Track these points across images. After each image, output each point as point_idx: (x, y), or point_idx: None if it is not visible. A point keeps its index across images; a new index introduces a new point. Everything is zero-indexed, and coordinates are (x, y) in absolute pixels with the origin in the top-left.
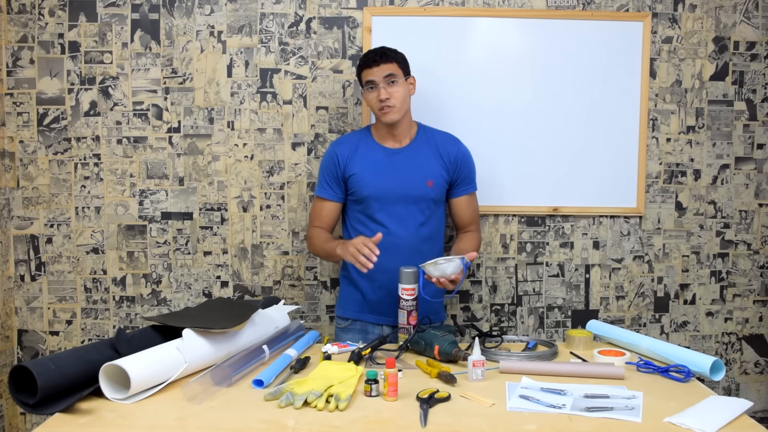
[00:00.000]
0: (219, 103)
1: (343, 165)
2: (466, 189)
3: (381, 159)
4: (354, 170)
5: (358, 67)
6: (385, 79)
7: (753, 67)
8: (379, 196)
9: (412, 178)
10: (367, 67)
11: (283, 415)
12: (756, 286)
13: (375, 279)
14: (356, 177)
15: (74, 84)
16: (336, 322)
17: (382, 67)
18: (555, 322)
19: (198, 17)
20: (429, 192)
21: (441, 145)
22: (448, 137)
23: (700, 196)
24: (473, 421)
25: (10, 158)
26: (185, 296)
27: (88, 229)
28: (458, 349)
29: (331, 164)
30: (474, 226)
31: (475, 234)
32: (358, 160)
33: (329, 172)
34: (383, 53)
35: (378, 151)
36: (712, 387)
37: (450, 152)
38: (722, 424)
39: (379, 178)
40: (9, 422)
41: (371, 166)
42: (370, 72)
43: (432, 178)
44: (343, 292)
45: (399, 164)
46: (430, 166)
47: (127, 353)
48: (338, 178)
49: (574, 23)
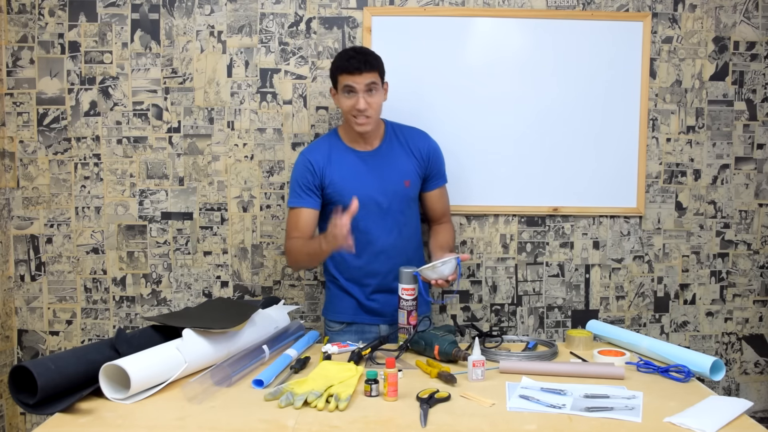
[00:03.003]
0: (219, 103)
1: (320, 173)
2: (438, 182)
3: (357, 165)
4: (331, 178)
5: (336, 68)
6: (365, 87)
7: (753, 67)
8: (362, 201)
9: (389, 180)
10: (348, 73)
11: (283, 415)
12: (756, 286)
13: (366, 284)
14: (335, 186)
15: (74, 84)
16: (327, 325)
17: (364, 75)
18: (555, 322)
19: (198, 17)
20: (407, 192)
21: (411, 142)
22: (416, 132)
23: (700, 196)
24: (473, 421)
25: (10, 158)
26: (185, 296)
27: (88, 229)
28: (458, 349)
29: (306, 173)
30: (446, 217)
31: (448, 225)
32: (335, 168)
33: (304, 181)
34: (366, 60)
35: (351, 157)
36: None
37: (421, 148)
38: (722, 424)
39: (359, 184)
40: (9, 422)
41: (349, 174)
42: (351, 78)
43: (408, 177)
44: (334, 297)
45: (375, 168)
46: (405, 165)
47: (127, 353)
48: (315, 187)
49: (574, 23)
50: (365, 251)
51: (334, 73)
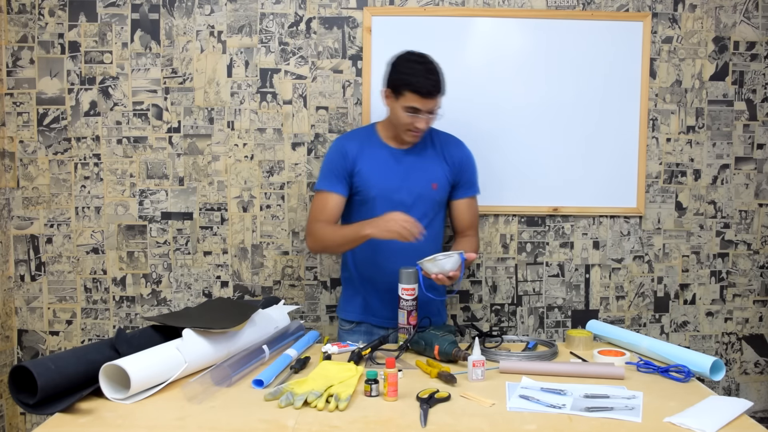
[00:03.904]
0: (219, 103)
1: (352, 160)
2: (467, 192)
3: (387, 160)
4: (361, 167)
5: (404, 82)
6: (429, 109)
7: (753, 67)
8: (386, 197)
9: (417, 180)
10: (419, 95)
11: (283, 415)
12: (756, 286)
13: (378, 282)
14: (362, 176)
15: (74, 84)
16: (339, 324)
17: (434, 101)
18: (555, 322)
19: (198, 17)
20: (434, 194)
21: (445, 148)
22: (452, 139)
23: (700, 196)
24: (473, 421)
25: (10, 158)
26: (185, 296)
27: (88, 229)
28: (458, 349)
29: (339, 158)
30: (473, 230)
31: (473, 239)
32: (366, 159)
33: (337, 165)
34: (438, 85)
35: (384, 152)
36: (712, 387)
37: (454, 155)
38: (722, 424)
39: (386, 179)
40: (9, 422)
41: (378, 166)
42: (420, 101)
43: (436, 180)
44: (346, 295)
45: (405, 166)
46: (435, 168)
47: (127, 353)
48: (345, 173)
49: (574, 23)
50: (383, 245)
51: (399, 84)
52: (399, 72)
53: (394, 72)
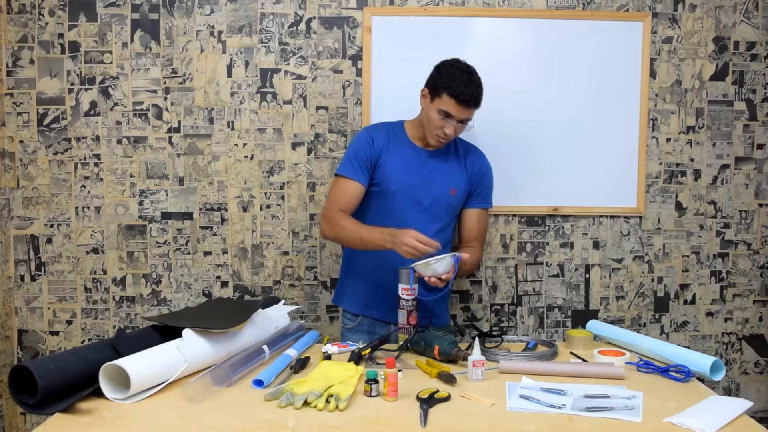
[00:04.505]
0: (219, 103)
1: (378, 150)
2: (480, 203)
3: (410, 158)
4: (385, 159)
5: (446, 87)
6: (461, 118)
7: (753, 67)
8: (405, 193)
9: (438, 183)
10: (457, 102)
11: (283, 415)
12: (756, 286)
13: (385, 276)
14: (384, 168)
15: (74, 84)
16: (342, 320)
17: (469, 111)
18: (555, 322)
19: (198, 17)
20: (451, 200)
21: (468, 156)
22: (475, 149)
23: (700, 196)
24: (473, 421)
25: (10, 158)
26: (185, 296)
27: (88, 229)
28: (458, 349)
29: (366, 146)
30: (478, 243)
31: (476, 251)
32: (390, 153)
33: (362, 153)
34: (478, 97)
35: (408, 149)
36: (712, 387)
37: (475, 164)
38: (722, 424)
39: (408, 176)
40: (9, 422)
41: (402, 162)
42: (457, 109)
43: (455, 186)
44: (349, 286)
45: (427, 167)
46: (455, 174)
47: (127, 353)
48: (369, 162)
49: (574, 23)
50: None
51: (439, 87)
52: (442, 75)
53: (437, 73)
